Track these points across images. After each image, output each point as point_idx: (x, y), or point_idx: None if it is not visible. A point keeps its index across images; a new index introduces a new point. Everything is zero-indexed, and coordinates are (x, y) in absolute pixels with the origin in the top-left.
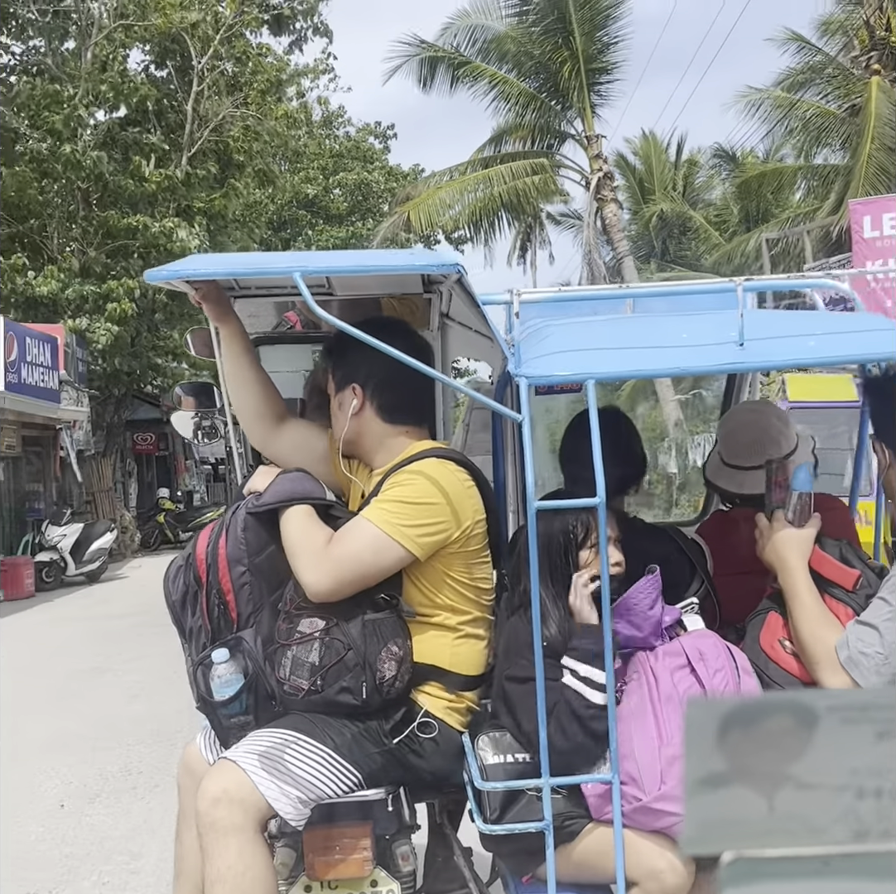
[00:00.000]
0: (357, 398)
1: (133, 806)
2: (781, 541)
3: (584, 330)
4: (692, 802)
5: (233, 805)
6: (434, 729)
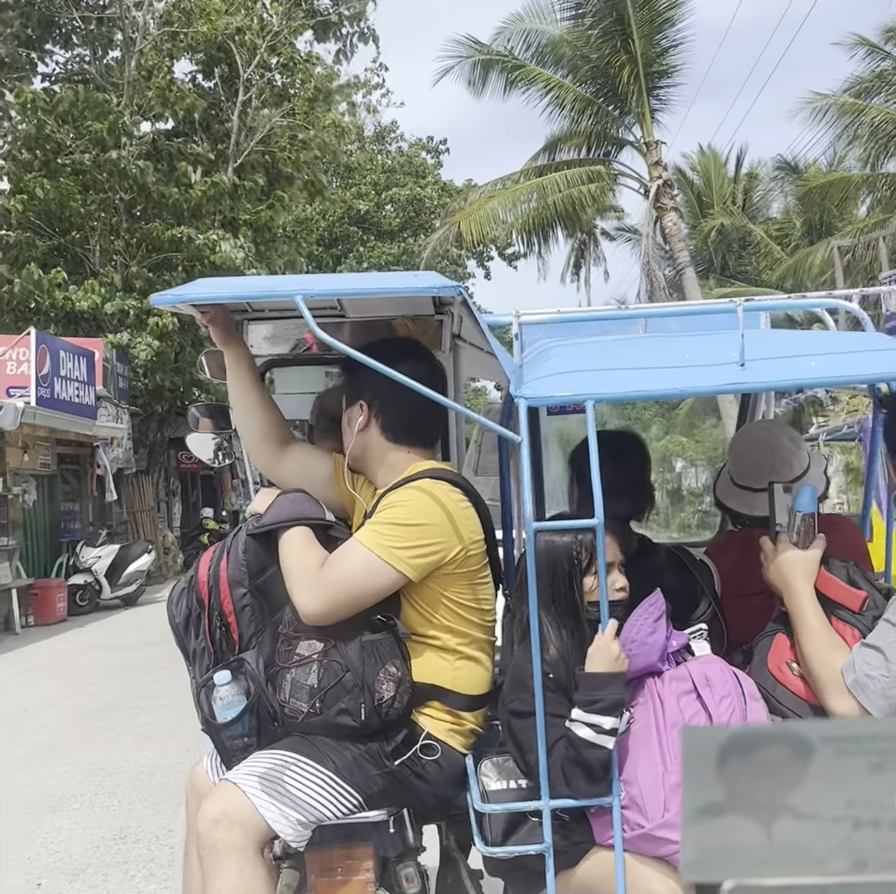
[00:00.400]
0: (363, 415)
1: (119, 889)
2: (786, 564)
3: (587, 350)
4: (691, 829)
5: (233, 826)
6: (437, 751)
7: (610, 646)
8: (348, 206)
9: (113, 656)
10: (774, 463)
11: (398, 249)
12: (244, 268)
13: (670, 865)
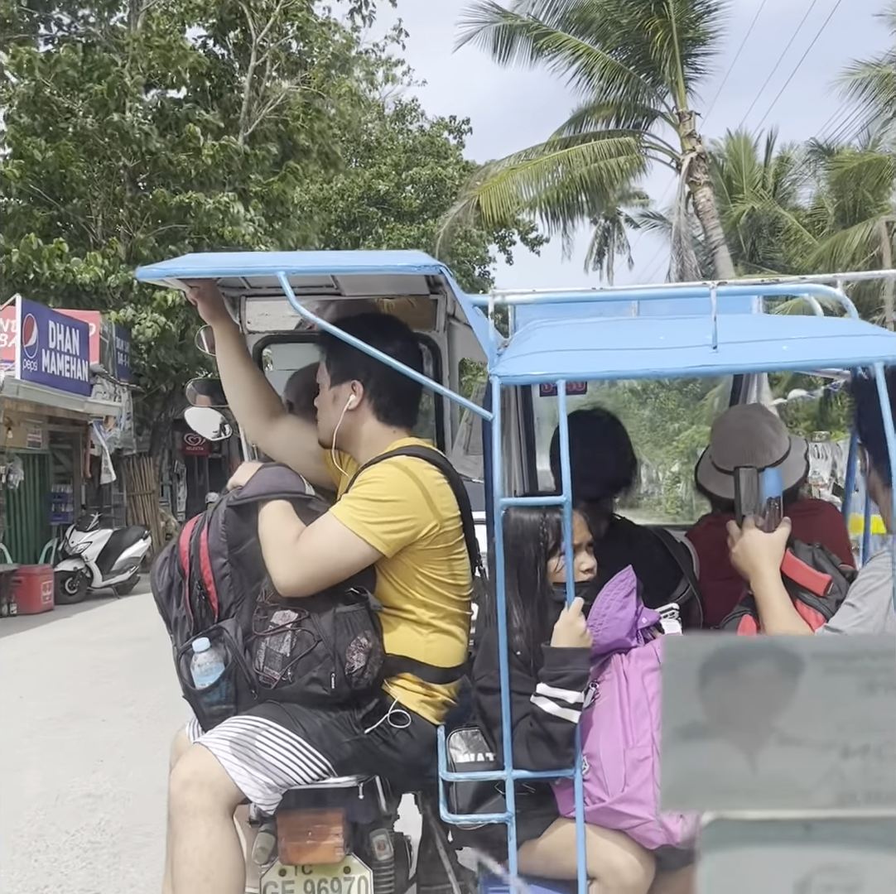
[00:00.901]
0: (356, 395)
1: None
2: (752, 547)
3: (568, 332)
4: (670, 753)
5: (203, 788)
6: (407, 720)
7: (575, 623)
8: (367, 185)
9: (91, 653)
10: (755, 449)
11: (418, 231)
12: (254, 243)
13: (630, 838)
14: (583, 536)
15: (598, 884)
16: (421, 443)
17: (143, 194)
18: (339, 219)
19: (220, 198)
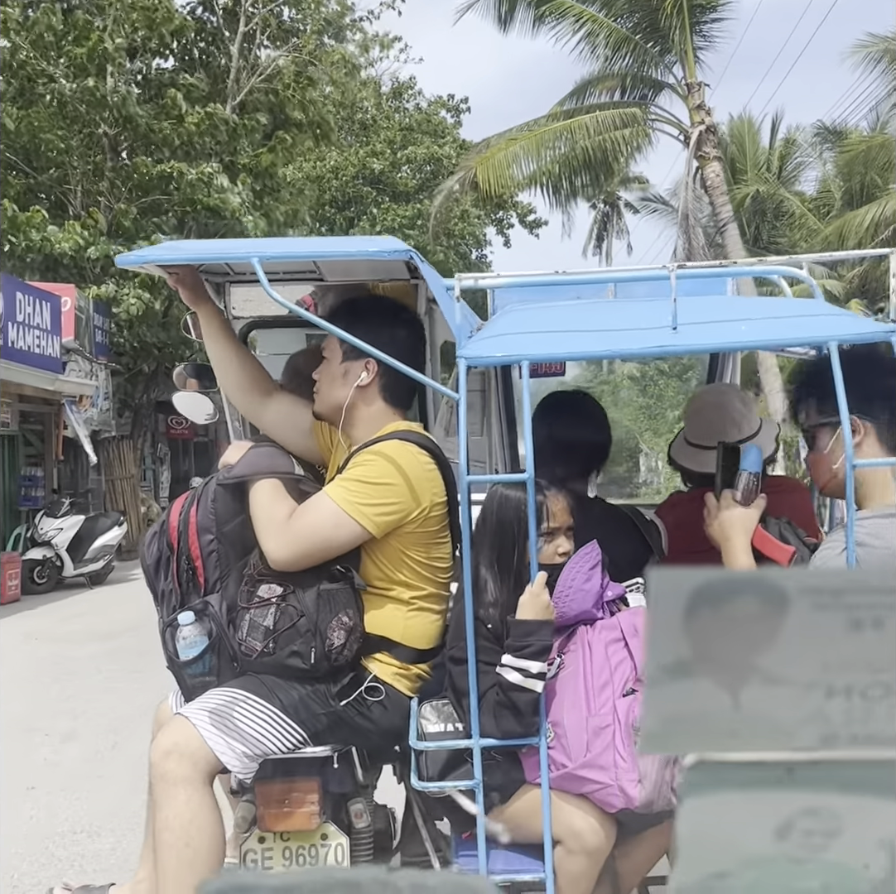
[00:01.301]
0: (368, 372)
1: None
2: (728, 519)
3: (537, 315)
4: (654, 693)
5: (182, 757)
6: (381, 693)
7: (539, 596)
8: (362, 164)
9: (48, 652)
10: (725, 424)
11: (413, 211)
12: (241, 214)
13: (592, 802)
14: (563, 520)
15: (562, 847)
16: (414, 427)
17: (124, 164)
18: (333, 198)
19: (203, 168)
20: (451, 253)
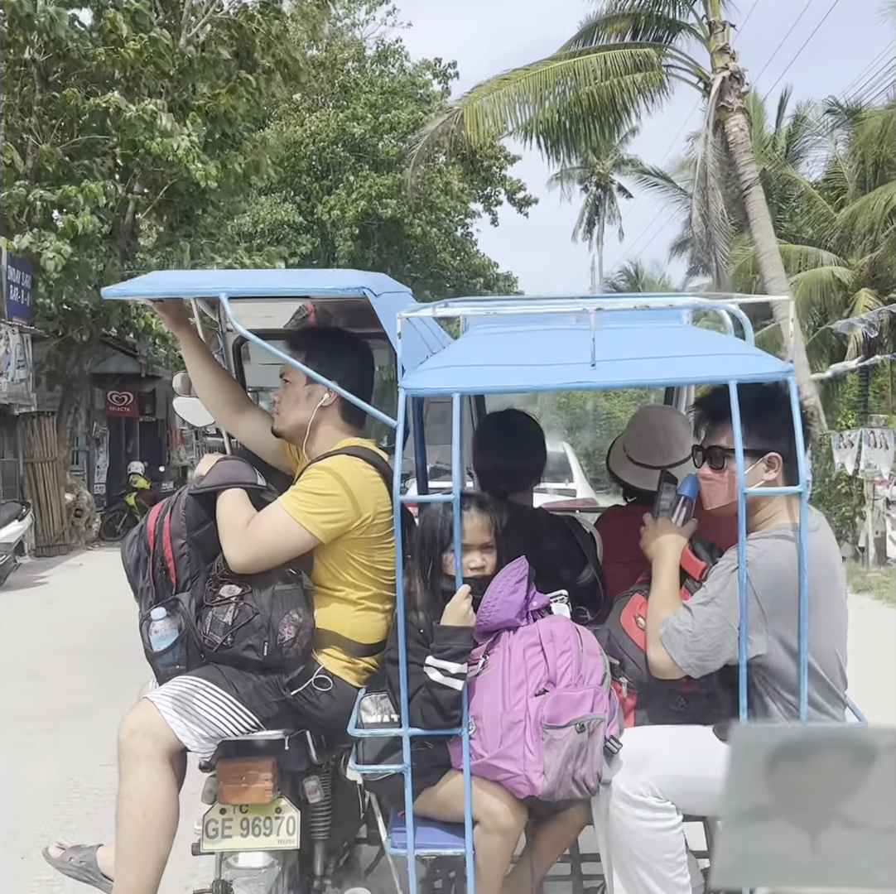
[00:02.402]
0: (329, 395)
1: None
2: (666, 540)
3: (480, 345)
4: (730, 834)
5: (145, 737)
6: (329, 684)
7: (460, 605)
8: (341, 128)
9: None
10: (672, 446)
11: (392, 180)
12: (189, 160)
13: (505, 789)
14: (477, 538)
15: (480, 827)
16: (364, 443)
17: (52, 96)
18: (310, 166)
19: (145, 105)
20: (431, 228)
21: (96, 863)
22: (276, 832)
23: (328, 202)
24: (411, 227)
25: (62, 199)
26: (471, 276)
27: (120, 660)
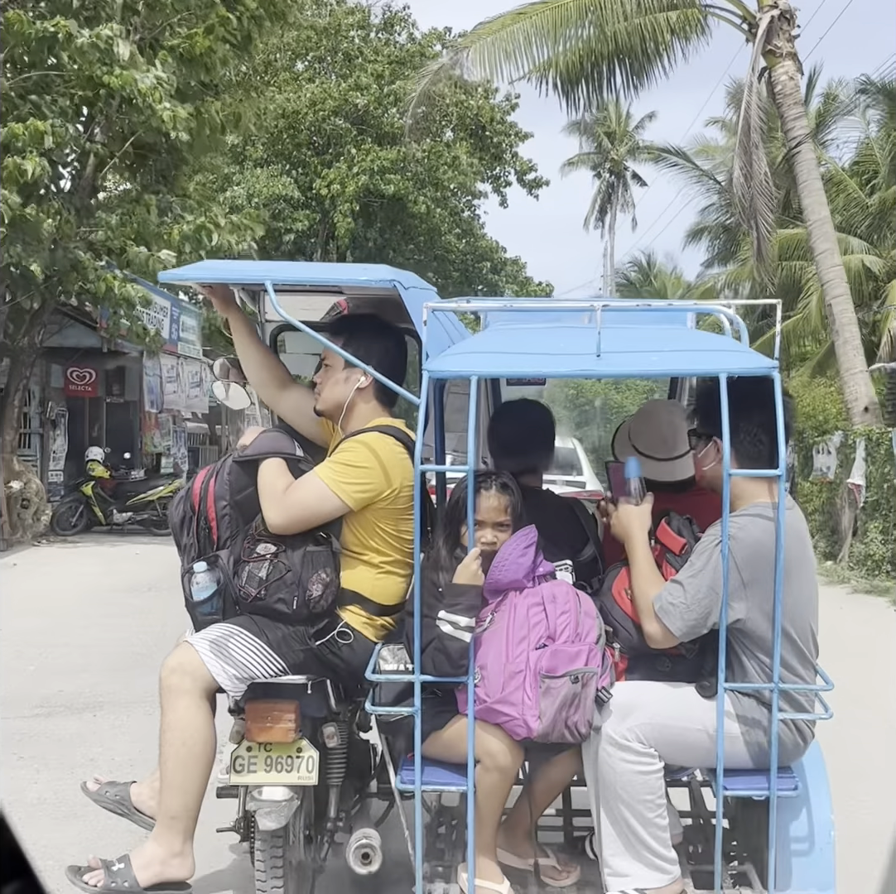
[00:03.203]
0: (366, 377)
1: None
2: (626, 518)
3: (500, 337)
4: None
5: (185, 675)
6: (350, 637)
7: (470, 566)
8: (343, 98)
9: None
10: (677, 439)
11: (397, 154)
12: (155, 100)
13: (504, 731)
14: (492, 516)
15: (481, 766)
16: (394, 422)
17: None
18: (310, 139)
19: (99, 31)
20: (436, 207)
21: (129, 798)
22: (297, 769)
23: (327, 176)
24: (415, 205)
25: (7, 137)
26: (477, 260)
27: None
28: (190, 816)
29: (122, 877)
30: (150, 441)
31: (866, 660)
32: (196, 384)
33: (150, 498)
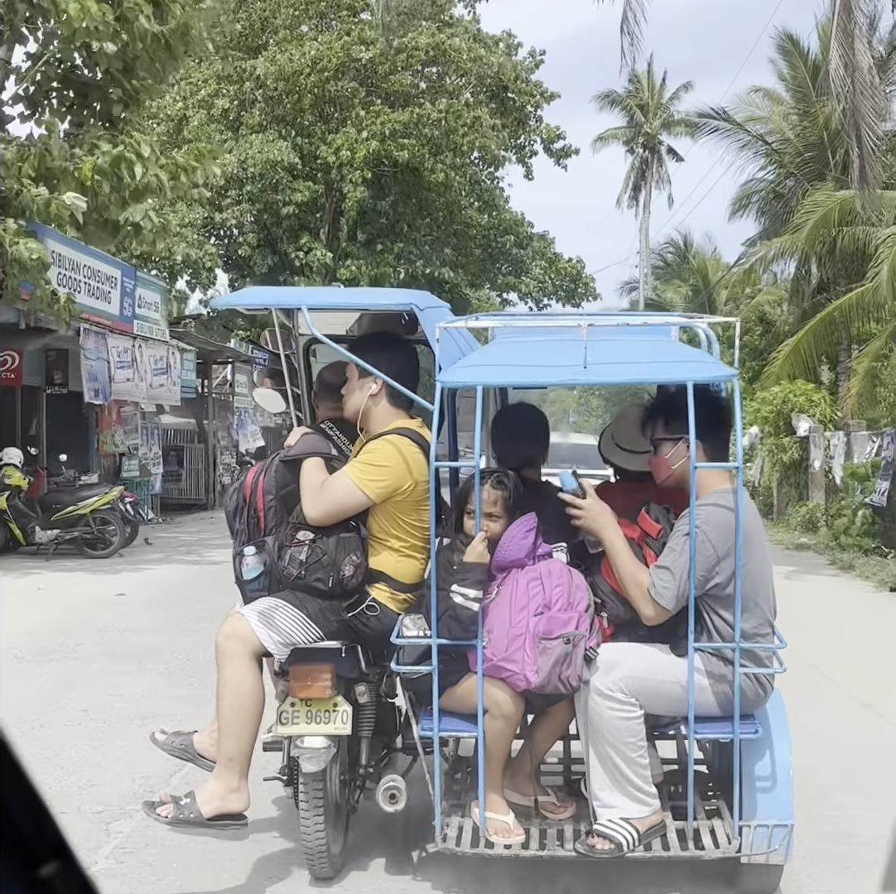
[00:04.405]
0: (377, 385)
1: None
2: (593, 513)
3: (501, 351)
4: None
5: (237, 640)
6: (377, 610)
7: (478, 547)
8: (346, 53)
9: None
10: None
11: (410, 116)
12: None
13: (507, 684)
14: (486, 508)
15: (489, 714)
16: (410, 424)
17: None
18: (313, 103)
19: None
20: (455, 175)
21: (192, 746)
22: (333, 721)
23: (334, 141)
24: (431, 173)
25: None
26: (500, 234)
27: None
28: (244, 758)
29: (189, 810)
30: (110, 439)
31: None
32: (162, 371)
33: (81, 511)
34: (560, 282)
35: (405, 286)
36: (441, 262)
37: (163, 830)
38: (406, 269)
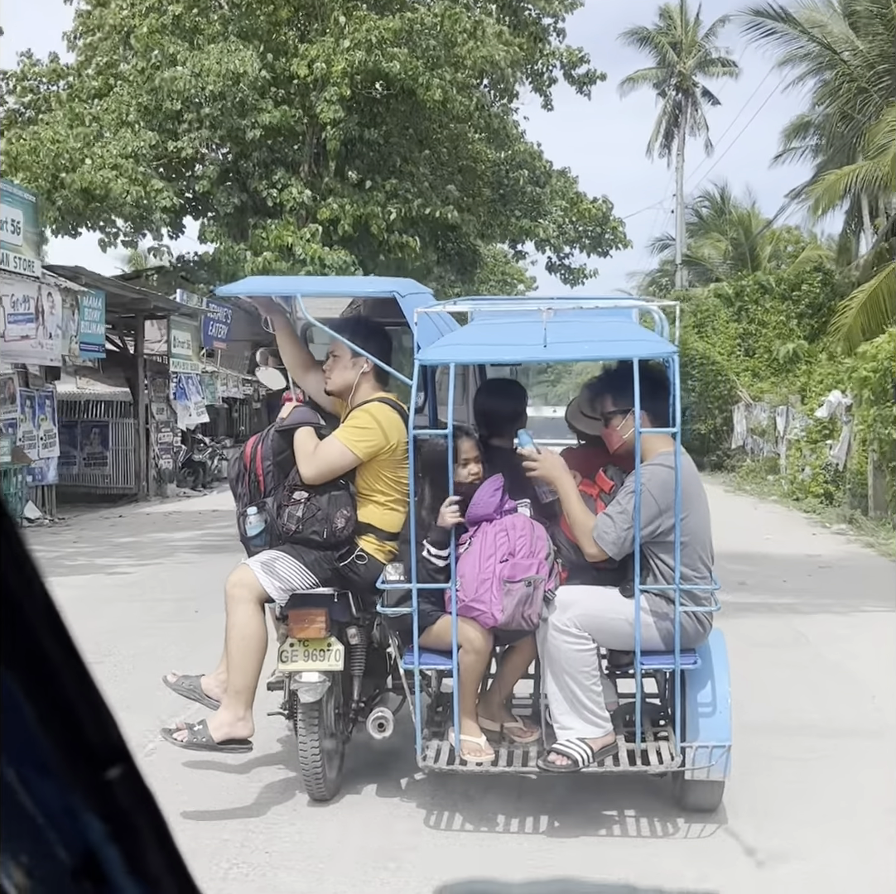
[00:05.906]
0: (368, 364)
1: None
2: (549, 463)
3: (474, 331)
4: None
5: (244, 587)
6: (365, 559)
7: (445, 513)
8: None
9: None
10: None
11: (401, 23)
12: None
13: (477, 622)
14: (470, 453)
15: (462, 649)
16: (389, 395)
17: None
18: (291, 15)
19: None
20: (454, 91)
21: (200, 687)
22: (328, 659)
23: (308, 52)
24: (427, 90)
25: None
26: (513, 169)
27: None
28: (250, 691)
29: (201, 735)
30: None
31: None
32: (27, 318)
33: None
34: (584, 226)
35: (400, 230)
36: (444, 201)
37: (167, 765)
38: (399, 209)
